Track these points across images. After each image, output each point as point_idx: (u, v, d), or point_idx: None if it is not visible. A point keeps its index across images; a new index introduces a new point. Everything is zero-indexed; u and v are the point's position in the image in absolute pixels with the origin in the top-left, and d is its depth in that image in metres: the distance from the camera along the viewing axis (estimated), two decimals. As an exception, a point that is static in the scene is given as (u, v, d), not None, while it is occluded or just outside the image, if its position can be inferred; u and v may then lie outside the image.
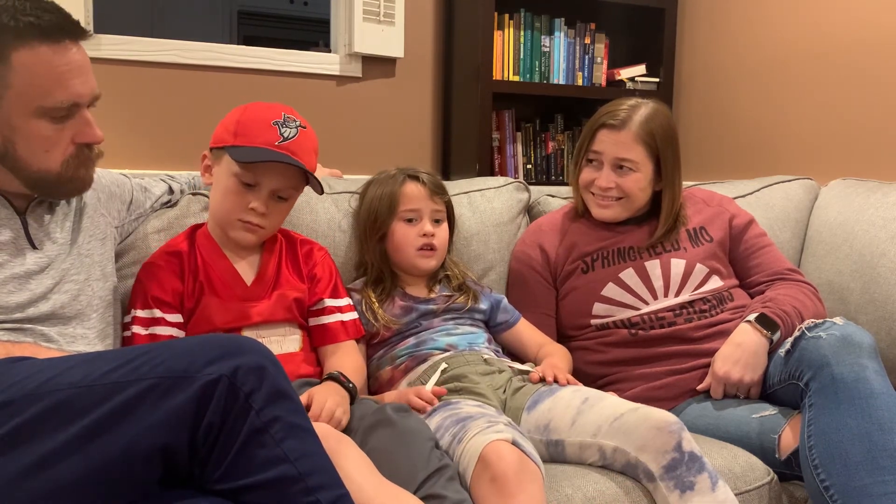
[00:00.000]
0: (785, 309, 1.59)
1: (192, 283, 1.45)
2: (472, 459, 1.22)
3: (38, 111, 1.18)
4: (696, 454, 1.29)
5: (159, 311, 1.41)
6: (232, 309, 1.45)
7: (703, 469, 1.28)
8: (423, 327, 1.59)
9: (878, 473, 1.27)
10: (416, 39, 2.74)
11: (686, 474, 1.28)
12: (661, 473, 1.29)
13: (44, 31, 1.16)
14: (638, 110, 1.68)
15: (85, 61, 1.22)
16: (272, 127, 1.42)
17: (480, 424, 1.28)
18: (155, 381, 0.94)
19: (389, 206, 1.62)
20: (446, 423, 1.34)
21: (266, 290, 1.49)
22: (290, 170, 1.44)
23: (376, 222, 1.63)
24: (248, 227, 1.45)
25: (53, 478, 0.92)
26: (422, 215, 1.62)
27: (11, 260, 1.23)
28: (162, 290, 1.43)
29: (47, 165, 1.21)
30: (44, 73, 1.16)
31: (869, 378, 1.35)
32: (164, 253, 1.48)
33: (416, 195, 1.63)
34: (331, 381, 1.39)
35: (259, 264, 1.51)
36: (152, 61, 2.41)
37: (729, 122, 2.75)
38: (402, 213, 1.62)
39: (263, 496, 0.96)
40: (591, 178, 1.72)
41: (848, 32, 2.32)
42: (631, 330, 1.67)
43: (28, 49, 1.15)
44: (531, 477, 1.21)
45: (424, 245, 1.61)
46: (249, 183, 1.43)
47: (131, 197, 1.54)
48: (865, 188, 1.98)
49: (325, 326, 1.53)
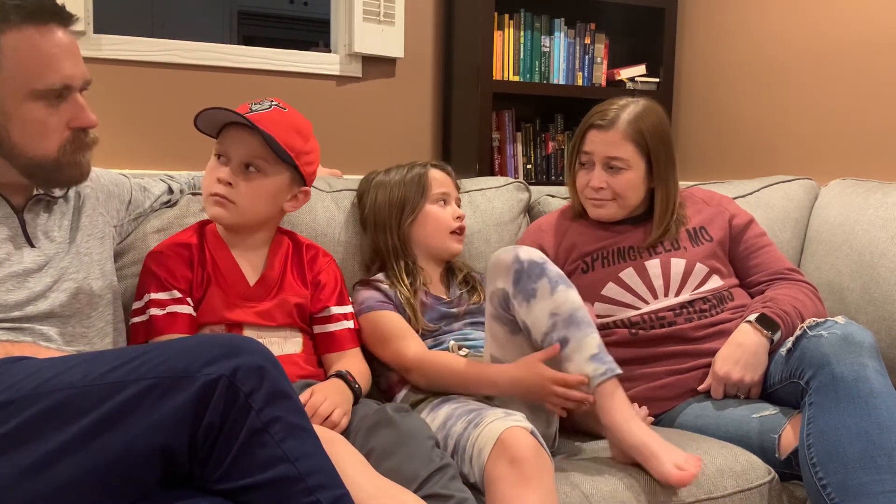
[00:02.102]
0: (785, 309, 1.59)
1: (200, 273, 1.45)
2: (489, 441, 1.23)
3: (31, 94, 1.18)
4: (535, 261, 1.34)
5: (178, 292, 1.42)
6: (234, 306, 1.45)
7: (544, 274, 1.34)
8: (443, 331, 1.60)
9: (875, 472, 1.27)
10: (416, 39, 2.74)
11: (528, 282, 1.33)
12: (513, 291, 1.34)
13: (29, 12, 1.16)
14: (626, 109, 1.68)
15: (73, 44, 1.22)
16: (246, 105, 1.45)
17: (497, 413, 1.30)
18: (155, 381, 0.94)
19: (420, 188, 1.64)
20: (458, 412, 1.35)
21: (268, 291, 1.49)
22: (254, 138, 1.42)
23: (405, 206, 1.64)
24: (217, 199, 1.44)
25: (53, 478, 0.91)
26: (450, 199, 1.67)
27: (9, 258, 1.22)
28: (174, 276, 1.43)
29: (44, 151, 1.21)
30: (33, 54, 1.17)
31: (869, 377, 1.35)
32: (173, 243, 1.48)
33: (444, 180, 1.68)
34: (337, 379, 1.39)
35: (264, 266, 1.51)
36: (152, 61, 2.41)
37: (729, 122, 2.75)
38: (434, 196, 1.65)
39: (263, 496, 0.96)
40: (586, 180, 1.72)
41: (848, 32, 2.32)
42: (631, 329, 1.67)
43: (16, 31, 1.16)
44: (545, 466, 1.23)
45: (458, 227, 1.65)
46: (220, 154, 1.44)
47: (130, 196, 1.53)
48: (865, 188, 1.98)
49: (333, 334, 1.53)
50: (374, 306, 1.56)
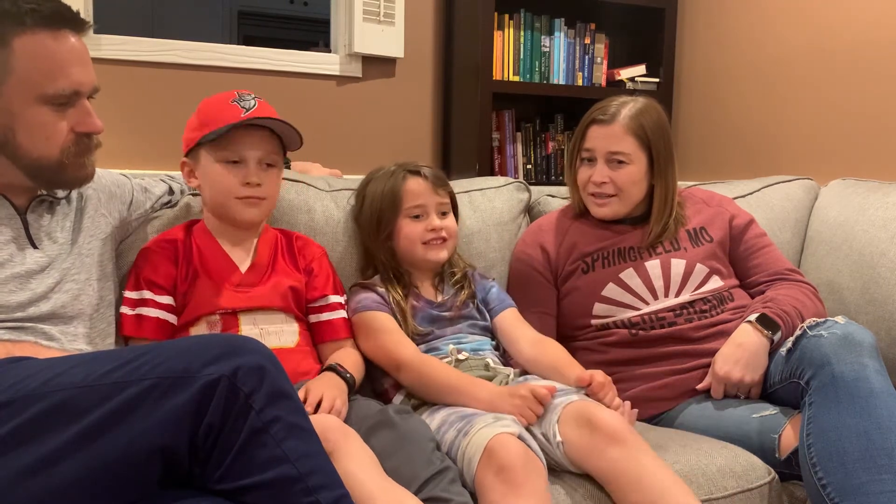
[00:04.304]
0: (785, 309, 1.59)
1: (185, 268, 1.46)
2: (477, 450, 1.23)
3: (40, 98, 1.18)
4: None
5: (149, 293, 1.42)
6: (226, 294, 1.45)
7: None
8: (436, 335, 1.59)
9: (875, 472, 1.27)
10: (416, 39, 2.74)
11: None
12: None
13: (44, 17, 1.17)
14: (627, 105, 1.70)
15: (85, 51, 1.23)
16: (231, 105, 1.46)
17: (486, 419, 1.29)
18: (155, 381, 0.94)
19: (393, 203, 1.60)
20: (451, 419, 1.34)
21: (261, 276, 1.50)
22: (266, 135, 1.46)
23: (381, 222, 1.61)
24: (250, 201, 1.47)
25: (54, 478, 0.91)
26: (427, 210, 1.60)
27: (12, 259, 1.23)
28: (155, 273, 1.44)
29: (48, 152, 1.21)
30: (46, 58, 1.17)
31: (869, 377, 1.35)
32: (160, 240, 1.50)
33: (420, 190, 1.61)
34: (328, 373, 1.41)
35: (254, 253, 1.52)
36: (152, 61, 2.41)
37: (729, 122, 2.75)
38: (408, 210, 1.60)
39: (264, 496, 0.96)
40: (587, 176, 1.72)
41: (848, 32, 2.32)
42: (631, 330, 1.67)
43: (30, 34, 1.16)
44: (536, 471, 1.22)
45: (432, 239, 1.60)
46: (235, 160, 1.45)
47: (131, 197, 1.54)
48: (865, 188, 1.98)
49: (330, 322, 1.54)
50: (371, 306, 1.56)
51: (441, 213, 1.63)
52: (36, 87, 1.17)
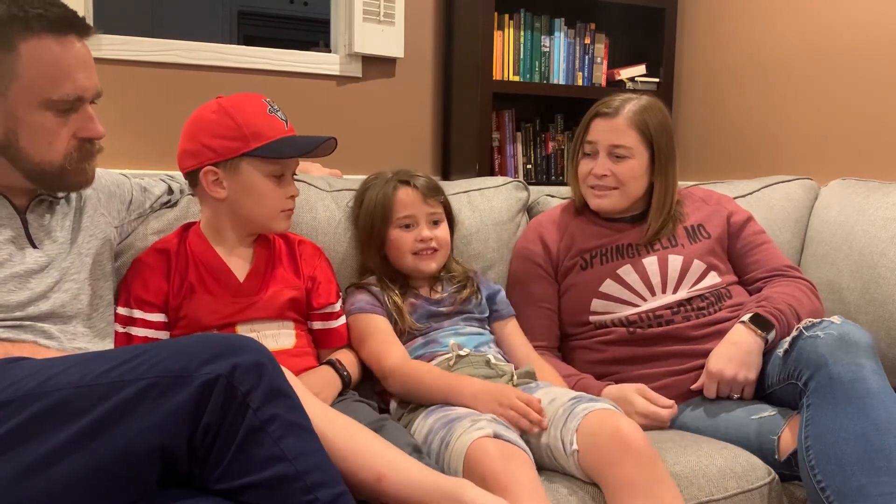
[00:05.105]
0: (779, 307, 1.59)
1: (178, 282, 1.44)
2: (459, 461, 1.24)
3: (44, 103, 1.18)
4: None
5: (139, 312, 1.42)
6: (223, 306, 1.44)
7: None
8: (433, 328, 1.60)
9: (874, 474, 1.27)
10: (416, 39, 2.74)
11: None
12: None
13: (51, 23, 1.17)
14: (632, 100, 1.71)
15: (88, 56, 1.23)
16: (270, 116, 1.43)
17: (464, 425, 1.29)
18: (153, 381, 0.94)
19: (384, 214, 1.61)
20: (436, 426, 1.35)
21: (259, 286, 1.48)
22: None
23: (373, 231, 1.63)
24: (289, 213, 1.49)
25: (52, 477, 0.91)
26: (417, 221, 1.61)
27: (11, 259, 1.23)
28: (145, 290, 1.42)
29: (50, 157, 1.22)
30: (51, 64, 1.17)
31: (866, 377, 1.34)
32: (153, 251, 1.48)
33: (410, 201, 1.61)
34: (326, 367, 1.43)
35: (252, 261, 1.51)
36: (152, 61, 2.41)
37: (729, 122, 2.75)
38: (398, 221, 1.61)
39: (262, 495, 0.96)
40: (589, 169, 1.73)
41: (848, 32, 2.32)
42: (629, 328, 1.67)
43: (36, 40, 1.16)
44: (519, 462, 1.22)
45: (421, 249, 1.61)
46: (281, 175, 1.45)
47: (131, 197, 1.54)
48: (865, 188, 1.98)
49: (336, 331, 1.56)
50: (365, 308, 1.57)
51: (432, 223, 1.63)
52: (41, 92, 1.18)
